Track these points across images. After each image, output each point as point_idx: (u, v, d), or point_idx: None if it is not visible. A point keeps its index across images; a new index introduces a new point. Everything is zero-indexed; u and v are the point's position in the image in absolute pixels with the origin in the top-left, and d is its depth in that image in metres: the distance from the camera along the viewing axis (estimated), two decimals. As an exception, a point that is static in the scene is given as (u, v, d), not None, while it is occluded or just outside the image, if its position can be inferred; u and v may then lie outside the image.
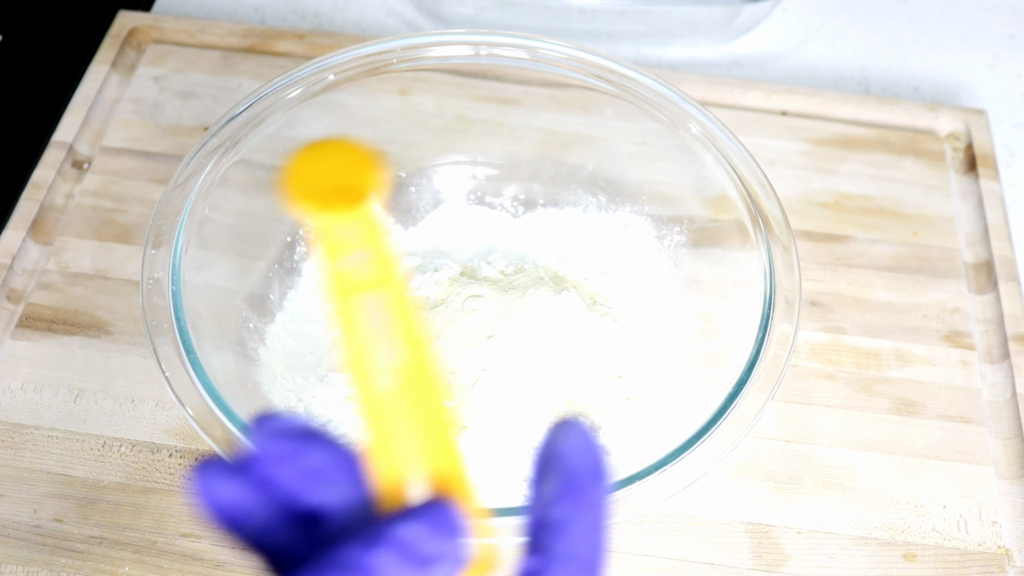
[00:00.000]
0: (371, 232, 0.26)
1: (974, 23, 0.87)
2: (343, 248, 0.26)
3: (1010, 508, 0.58)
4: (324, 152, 0.27)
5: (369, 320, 0.26)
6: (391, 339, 0.26)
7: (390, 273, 0.26)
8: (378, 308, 0.26)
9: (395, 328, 0.26)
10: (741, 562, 0.55)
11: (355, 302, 0.26)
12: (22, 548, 0.53)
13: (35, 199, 0.66)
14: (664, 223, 0.64)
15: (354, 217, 0.26)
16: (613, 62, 0.60)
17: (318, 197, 0.26)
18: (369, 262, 0.26)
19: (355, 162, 0.27)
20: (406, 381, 0.26)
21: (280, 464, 0.25)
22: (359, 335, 0.26)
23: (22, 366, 0.60)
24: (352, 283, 0.26)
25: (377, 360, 0.26)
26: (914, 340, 0.64)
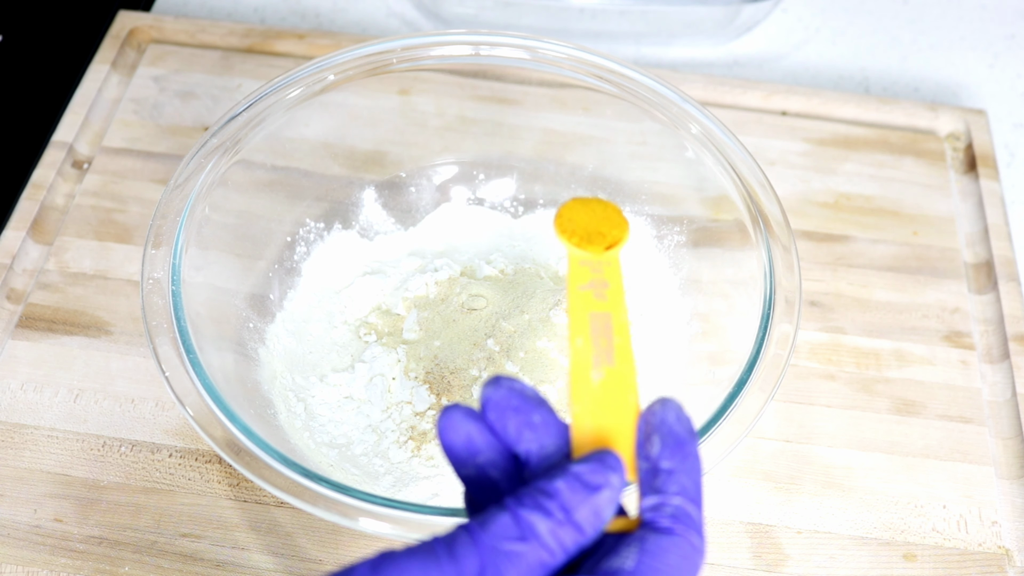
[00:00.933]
0: (613, 271, 0.36)
1: (974, 23, 0.87)
2: (588, 276, 0.36)
3: (1010, 508, 0.58)
4: (591, 204, 0.38)
5: (594, 330, 0.35)
6: (607, 347, 0.35)
7: (618, 302, 0.36)
8: (602, 323, 0.35)
9: (611, 340, 0.35)
10: (741, 562, 0.55)
11: (587, 316, 0.35)
12: (22, 548, 0.53)
13: (35, 199, 0.66)
14: (664, 223, 0.64)
15: (603, 258, 0.36)
16: (613, 62, 0.60)
17: (581, 236, 0.37)
18: (605, 292, 0.36)
19: (612, 218, 0.38)
20: (609, 378, 0.34)
21: (510, 415, 0.33)
22: (584, 339, 0.35)
23: (22, 366, 0.60)
24: (589, 302, 0.35)
25: (593, 359, 0.35)
26: (914, 340, 0.64)
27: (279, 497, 0.47)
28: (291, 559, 0.54)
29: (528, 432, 0.33)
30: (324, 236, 0.64)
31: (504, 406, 0.33)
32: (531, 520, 0.30)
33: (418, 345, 0.60)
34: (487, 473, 0.33)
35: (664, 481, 0.32)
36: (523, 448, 0.33)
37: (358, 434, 0.57)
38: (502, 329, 0.60)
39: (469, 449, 0.33)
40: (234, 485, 0.56)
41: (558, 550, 0.30)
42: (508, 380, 0.34)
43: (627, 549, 0.31)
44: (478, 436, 0.33)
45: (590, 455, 0.32)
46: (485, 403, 0.33)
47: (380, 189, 0.66)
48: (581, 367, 0.34)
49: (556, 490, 0.31)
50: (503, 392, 0.33)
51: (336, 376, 0.58)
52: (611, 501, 0.32)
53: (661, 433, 0.33)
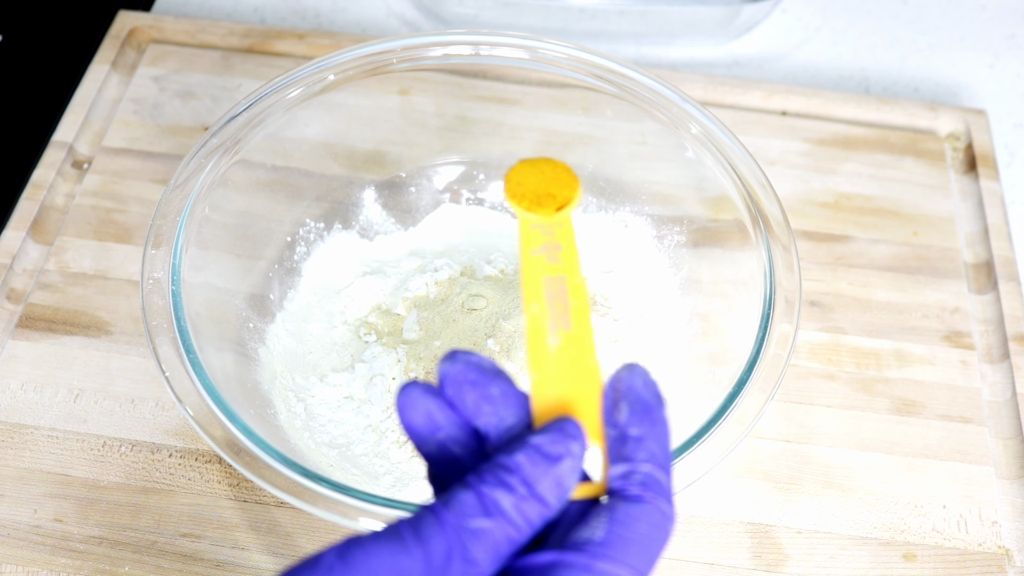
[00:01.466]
0: (565, 233, 0.35)
1: (974, 23, 0.87)
2: (540, 240, 0.35)
3: (1010, 508, 0.58)
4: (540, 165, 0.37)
5: (549, 295, 0.34)
6: (563, 311, 0.34)
7: (572, 264, 0.34)
8: (557, 287, 0.34)
9: (567, 304, 0.34)
10: (741, 562, 0.55)
11: (541, 281, 0.34)
12: (22, 548, 0.53)
13: (35, 199, 0.66)
14: (664, 223, 0.64)
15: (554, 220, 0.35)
16: (613, 62, 0.60)
17: (531, 199, 0.36)
18: (558, 254, 0.34)
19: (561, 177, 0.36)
20: (567, 343, 0.33)
21: (467, 388, 0.33)
22: (540, 305, 0.34)
23: (22, 366, 0.60)
24: (543, 266, 0.34)
25: (550, 324, 0.34)
26: (914, 340, 0.64)
27: (279, 497, 0.47)
28: (291, 559, 0.54)
29: (487, 405, 0.33)
30: (324, 236, 0.64)
31: (461, 380, 0.33)
32: (494, 496, 0.30)
33: (418, 345, 0.60)
34: (449, 449, 0.33)
35: (633, 448, 0.32)
36: (482, 422, 0.33)
37: (358, 434, 0.57)
38: (502, 329, 0.60)
39: (429, 426, 0.33)
40: (234, 485, 0.56)
41: (523, 524, 0.30)
42: (465, 354, 0.33)
43: (596, 519, 0.31)
44: (437, 412, 0.33)
45: (549, 424, 0.32)
46: (442, 378, 0.33)
47: (380, 189, 0.66)
48: (538, 334, 0.34)
49: (517, 464, 0.31)
50: (459, 366, 0.33)
51: (336, 376, 0.58)
52: (573, 470, 0.31)
53: (629, 400, 0.33)
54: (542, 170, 0.37)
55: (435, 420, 0.33)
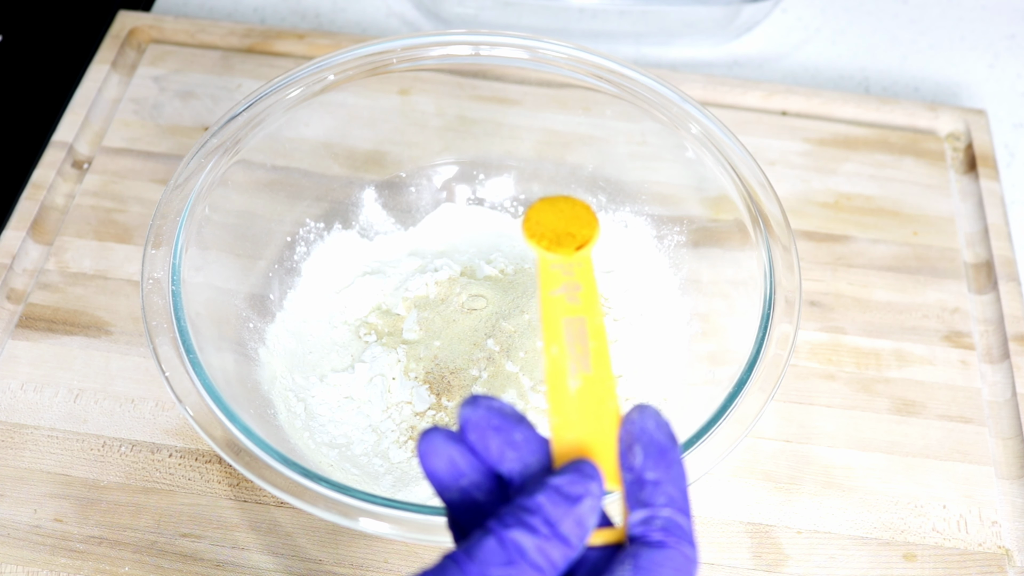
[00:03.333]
0: (584, 272, 0.35)
1: (974, 23, 0.87)
2: (560, 280, 0.35)
3: (1010, 508, 0.58)
4: (559, 204, 0.36)
5: (569, 337, 0.34)
6: (583, 353, 0.34)
7: (592, 305, 0.34)
8: (577, 328, 0.34)
9: (587, 345, 0.34)
10: (741, 562, 0.55)
11: (561, 322, 0.34)
12: (22, 548, 0.53)
13: (35, 199, 0.66)
14: (664, 223, 0.64)
15: (574, 259, 0.35)
16: (613, 62, 0.60)
17: (550, 239, 0.35)
18: (578, 294, 0.34)
19: (581, 216, 0.36)
20: (587, 385, 0.33)
21: (491, 435, 0.33)
22: (560, 347, 0.34)
23: (22, 366, 0.60)
24: (563, 307, 0.34)
25: (570, 367, 0.34)
26: (914, 340, 0.64)
27: (279, 497, 0.47)
28: (291, 559, 0.54)
29: (510, 451, 0.33)
30: (324, 236, 0.64)
31: (484, 426, 0.33)
32: (517, 539, 0.30)
33: (418, 345, 0.60)
34: (471, 495, 0.33)
35: (651, 493, 0.32)
36: (507, 468, 0.33)
37: (358, 434, 0.57)
38: (502, 329, 0.60)
39: (452, 473, 0.33)
40: (234, 485, 0.56)
41: (547, 566, 0.30)
42: (486, 399, 0.33)
43: (620, 567, 0.31)
44: (460, 459, 0.33)
45: (567, 466, 0.32)
46: (464, 424, 0.33)
47: (380, 189, 0.66)
48: (558, 376, 0.34)
49: (538, 505, 0.31)
50: (482, 412, 0.33)
51: (336, 376, 0.58)
52: (593, 510, 0.32)
53: (642, 443, 0.33)
54: (561, 209, 0.36)
55: (458, 467, 0.33)
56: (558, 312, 0.34)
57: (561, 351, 0.34)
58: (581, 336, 0.34)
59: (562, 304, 0.34)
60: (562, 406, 0.33)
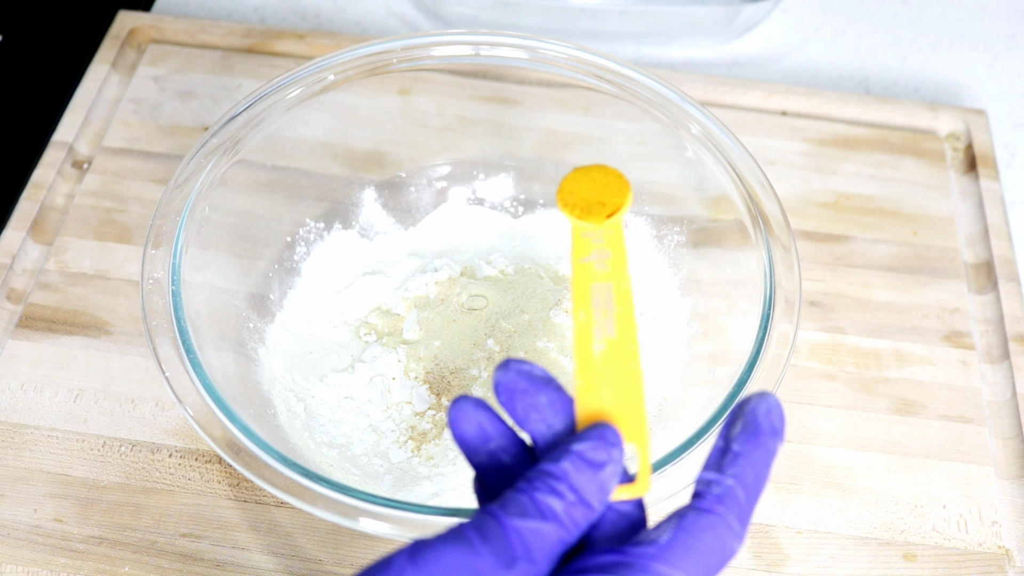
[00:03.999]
0: (614, 239, 0.36)
1: (974, 23, 0.87)
2: (590, 247, 0.36)
3: (1010, 508, 0.58)
4: (592, 173, 0.37)
5: (596, 302, 0.35)
6: (608, 318, 0.35)
7: (620, 271, 0.35)
8: (604, 294, 0.35)
9: (612, 310, 0.35)
10: (741, 562, 0.55)
11: (589, 288, 0.35)
12: (22, 548, 0.53)
13: (35, 199, 0.66)
14: (664, 223, 0.64)
15: (604, 227, 0.36)
16: (613, 62, 0.60)
17: (582, 208, 0.36)
18: (606, 261, 0.35)
19: (612, 184, 0.36)
20: (611, 349, 0.35)
21: (518, 396, 0.34)
22: (587, 312, 0.35)
23: (22, 366, 0.60)
24: (591, 273, 0.35)
25: (595, 332, 0.35)
26: (914, 340, 0.64)
27: (279, 497, 0.47)
28: (291, 559, 0.54)
29: (535, 413, 0.34)
30: (324, 236, 0.64)
31: (512, 388, 0.34)
32: (547, 501, 0.32)
33: (418, 345, 0.60)
34: (499, 458, 0.35)
35: (728, 462, 0.33)
36: (531, 428, 0.34)
37: (358, 434, 0.57)
38: (502, 329, 0.60)
39: (481, 436, 0.35)
40: (234, 485, 0.56)
41: (572, 527, 0.32)
42: (517, 363, 0.35)
43: (666, 523, 0.32)
44: (488, 423, 0.35)
45: (589, 432, 0.34)
46: (496, 386, 0.35)
47: (380, 189, 0.66)
48: (584, 341, 0.35)
49: (563, 472, 0.32)
50: (511, 375, 0.35)
51: (336, 376, 0.58)
52: (614, 475, 0.33)
53: (747, 419, 0.34)
54: (594, 177, 0.37)
55: (486, 431, 0.35)
56: (587, 279, 0.35)
57: (588, 316, 0.35)
58: (607, 301, 0.35)
59: (591, 271, 0.35)
60: (586, 369, 0.35)
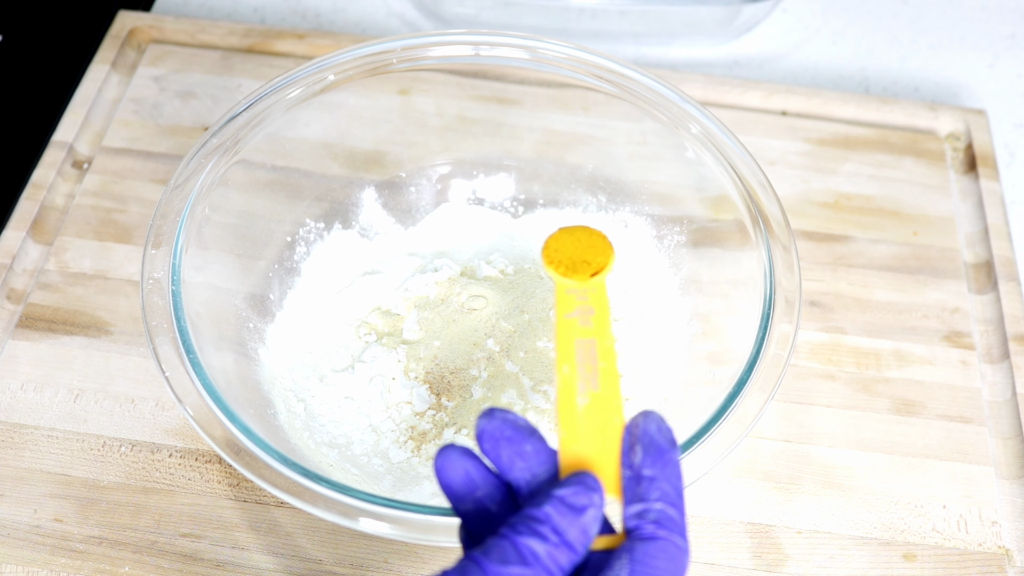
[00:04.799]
0: (598, 297, 0.37)
1: (974, 23, 0.87)
2: (574, 304, 0.37)
3: (1010, 508, 0.58)
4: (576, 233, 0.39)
5: (579, 357, 0.36)
6: (592, 372, 0.36)
7: (603, 327, 0.36)
8: (588, 349, 0.36)
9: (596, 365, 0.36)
10: (741, 562, 0.55)
11: (573, 343, 0.36)
12: (22, 548, 0.53)
13: (35, 199, 0.66)
14: (664, 223, 0.64)
15: (588, 285, 0.37)
16: (613, 62, 0.60)
17: (567, 266, 0.38)
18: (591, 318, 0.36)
19: (597, 244, 0.38)
20: (594, 402, 0.36)
21: (503, 445, 0.35)
22: (571, 367, 0.36)
23: (22, 366, 0.60)
24: (575, 329, 0.36)
25: (579, 385, 0.36)
26: (914, 340, 0.64)
27: (279, 497, 0.47)
28: (291, 559, 0.54)
29: (520, 461, 0.35)
30: (324, 236, 0.64)
31: (498, 436, 0.35)
32: (529, 545, 0.33)
33: (418, 345, 0.60)
34: (485, 506, 0.35)
35: (646, 488, 0.35)
36: (515, 476, 0.35)
37: (358, 434, 0.57)
38: (502, 329, 0.60)
39: (467, 485, 0.36)
40: (234, 485, 0.56)
41: (556, 570, 0.33)
42: (501, 412, 0.36)
43: (618, 562, 0.33)
44: (475, 472, 0.36)
45: (571, 478, 0.35)
46: (480, 434, 0.36)
47: (380, 189, 0.66)
48: (567, 394, 0.36)
49: (546, 515, 0.33)
50: (496, 423, 0.36)
51: (336, 376, 0.58)
52: (596, 519, 0.34)
53: (643, 443, 0.35)
54: (579, 237, 0.39)
55: (473, 480, 0.36)
56: (571, 334, 0.37)
57: (572, 370, 0.36)
58: (591, 357, 0.36)
59: (575, 327, 0.37)
60: (570, 421, 0.36)
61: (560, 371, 0.36)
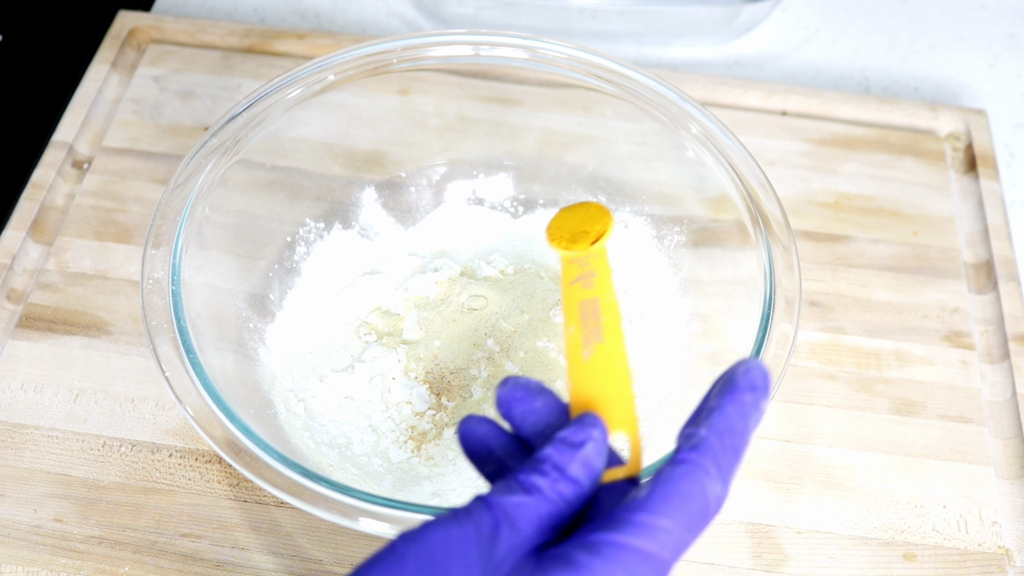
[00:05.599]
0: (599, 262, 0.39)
1: (974, 23, 0.87)
2: (576, 271, 0.39)
3: (1010, 508, 0.58)
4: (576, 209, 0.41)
5: (583, 315, 0.38)
6: (595, 327, 0.38)
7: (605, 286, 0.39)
8: (591, 307, 0.38)
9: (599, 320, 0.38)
10: (741, 562, 0.55)
11: (577, 305, 0.38)
12: (22, 548, 0.53)
13: (35, 199, 0.66)
14: (664, 223, 0.64)
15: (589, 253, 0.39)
16: (613, 62, 0.60)
17: (568, 239, 0.40)
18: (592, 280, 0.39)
19: (594, 215, 0.40)
20: (599, 353, 0.37)
21: (515, 404, 0.37)
22: (576, 326, 0.38)
23: (22, 366, 0.60)
24: (578, 293, 0.39)
25: (583, 340, 0.38)
26: (914, 340, 0.64)
27: (279, 497, 0.47)
28: (291, 559, 0.54)
29: (532, 416, 0.37)
30: (324, 236, 0.64)
31: (510, 399, 0.37)
32: (532, 480, 0.34)
33: (418, 345, 0.60)
34: (505, 464, 0.37)
35: (704, 416, 0.35)
36: (528, 431, 0.37)
37: (358, 434, 0.57)
38: (502, 329, 0.60)
39: (487, 447, 0.37)
40: (234, 485, 0.56)
41: (559, 500, 0.34)
42: (513, 378, 0.38)
43: (646, 482, 0.34)
44: (492, 434, 0.37)
45: (572, 420, 0.36)
46: (497, 401, 0.38)
47: (380, 189, 0.66)
48: (574, 350, 0.38)
49: (547, 455, 0.35)
50: (509, 388, 0.37)
51: (336, 376, 0.58)
52: (597, 452, 0.35)
53: (724, 380, 0.36)
54: (577, 212, 0.41)
55: (491, 441, 0.37)
56: (575, 298, 0.39)
57: (576, 329, 0.38)
58: (595, 313, 0.38)
59: (578, 291, 0.39)
60: (577, 374, 0.38)
61: (567, 332, 0.38)
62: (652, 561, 0.32)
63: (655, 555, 0.32)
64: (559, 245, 0.40)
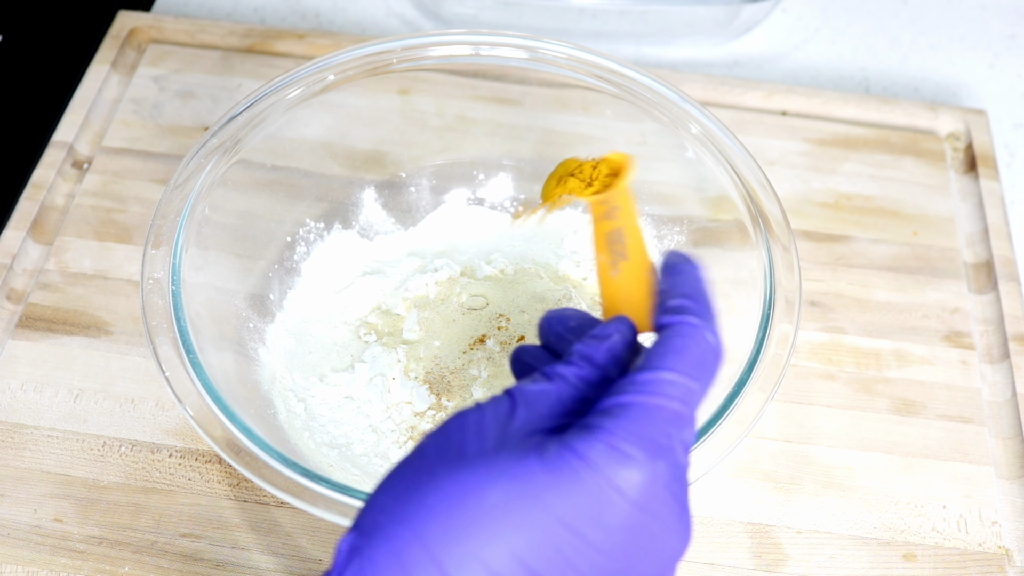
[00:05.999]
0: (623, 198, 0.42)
1: (974, 23, 0.87)
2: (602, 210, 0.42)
3: (1010, 508, 0.58)
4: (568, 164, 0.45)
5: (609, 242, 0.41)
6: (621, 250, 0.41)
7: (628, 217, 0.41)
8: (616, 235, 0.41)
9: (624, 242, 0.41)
10: (741, 562, 0.55)
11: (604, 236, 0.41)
12: (22, 548, 0.53)
13: (35, 199, 0.66)
14: (664, 223, 0.64)
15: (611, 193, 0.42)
16: (613, 62, 0.60)
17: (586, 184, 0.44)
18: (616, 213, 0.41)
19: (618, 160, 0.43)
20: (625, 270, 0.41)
21: (552, 325, 0.40)
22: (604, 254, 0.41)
23: (22, 366, 0.60)
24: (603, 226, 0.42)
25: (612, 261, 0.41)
26: (914, 340, 0.64)
27: (279, 497, 0.47)
28: (291, 559, 0.54)
29: (568, 335, 0.40)
30: (324, 236, 0.64)
31: (547, 327, 0.41)
32: (556, 370, 0.36)
33: (418, 345, 0.60)
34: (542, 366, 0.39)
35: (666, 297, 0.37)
36: (564, 348, 0.39)
37: (358, 434, 0.57)
38: (502, 329, 0.60)
39: (530, 365, 0.40)
40: (234, 485, 0.56)
41: (582, 385, 0.36)
42: (553, 311, 0.41)
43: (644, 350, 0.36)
44: (534, 355, 0.41)
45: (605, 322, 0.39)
46: (538, 329, 0.41)
47: (380, 189, 0.66)
48: (604, 274, 0.41)
49: (575, 349, 0.37)
50: (547, 317, 0.41)
51: (336, 376, 0.58)
52: (622, 342, 0.37)
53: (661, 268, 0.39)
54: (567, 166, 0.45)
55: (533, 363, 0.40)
56: (602, 231, 0.42)
57: (604, 256, 0.41)
58: (620, 239, 0.41)
59: (604, 224, 0.42)
60: (608, 290, 0.41)
61: (598, 261, 0.41)
62: (662, 413, 0.34)
63: (664, 407, 0.34)
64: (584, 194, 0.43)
